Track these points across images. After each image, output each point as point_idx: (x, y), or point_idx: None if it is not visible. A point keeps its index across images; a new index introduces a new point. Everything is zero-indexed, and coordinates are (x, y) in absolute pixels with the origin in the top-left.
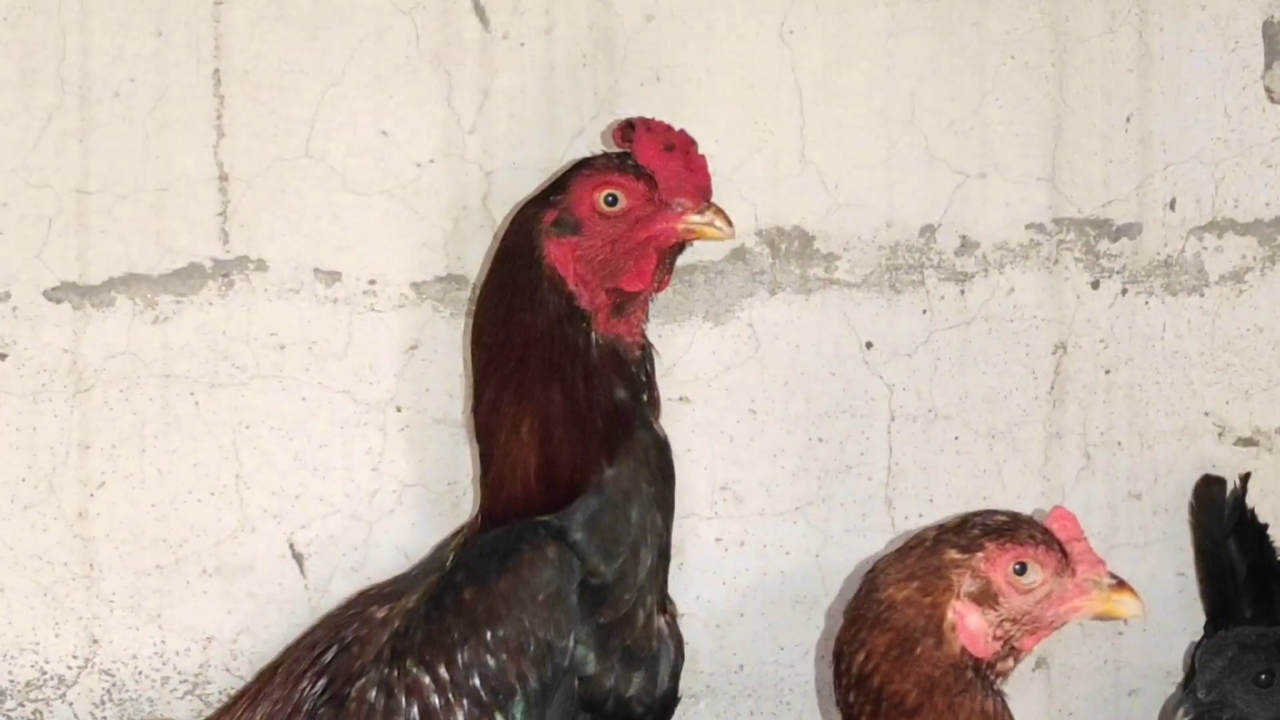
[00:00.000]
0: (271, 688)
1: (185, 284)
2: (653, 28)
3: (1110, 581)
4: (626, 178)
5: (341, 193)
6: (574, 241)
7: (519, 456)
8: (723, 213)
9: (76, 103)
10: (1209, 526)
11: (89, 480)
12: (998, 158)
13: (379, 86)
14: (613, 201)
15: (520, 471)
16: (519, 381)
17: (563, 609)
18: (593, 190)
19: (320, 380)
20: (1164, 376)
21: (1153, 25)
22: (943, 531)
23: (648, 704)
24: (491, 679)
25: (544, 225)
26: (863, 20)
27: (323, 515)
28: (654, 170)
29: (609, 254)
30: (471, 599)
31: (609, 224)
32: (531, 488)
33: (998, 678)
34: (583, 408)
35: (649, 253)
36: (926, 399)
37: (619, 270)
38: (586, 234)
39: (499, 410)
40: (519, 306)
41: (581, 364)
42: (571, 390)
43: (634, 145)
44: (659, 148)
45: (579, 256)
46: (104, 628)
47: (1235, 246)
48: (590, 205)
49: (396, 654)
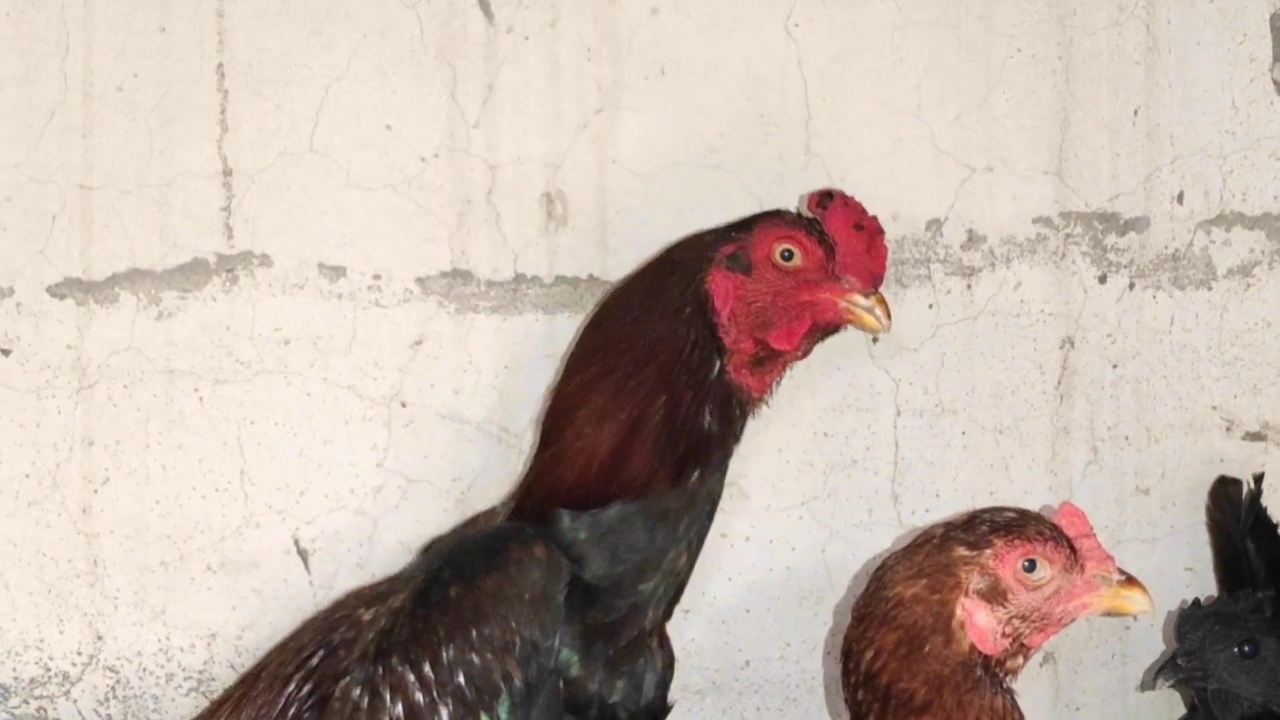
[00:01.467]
0: (256, 692)
1: (189, 280)
2: (657, 21)
3: (1119, 578)
4: (810, 240)
5: (345, 187)
6: (740, 280)
7: (590, 444)
8: (885, 304)
9: (80, 98)
10: (1226, 527)
11: (93, 476)
12: (1004, 151)
13: (383, 81)
14: (788, 256)
15: (584, 459)
16: (625, 376)
17: (549, 609)
18: (774, 240)
19: (325, 376)
20: (1171, 371)
21: (1160, 18)
22: (951, 528)
23: (632, 711)
24: (476, 678)
25: (719, 254)
26: (868, 13)
27: (327, 511)
28: (837, 243)
29: (768, 304)
30: (458, 596)
31: (778, 276)
32: (589, 477)
33: (1007, 675)
34: (676, 425)
35: (804, 317)
36: (933, 394)
37: (771, 324)
38: (755, 277)
39: (590, 394)
40: (659, 313)
41: (695, 386)
42: (675, 406)
43: (826, 214)
44: (850, 223)
45: (740, 295)
46: (108, 624)
47: (1243, 240)
48: (767, 253)
49: (382, 652)
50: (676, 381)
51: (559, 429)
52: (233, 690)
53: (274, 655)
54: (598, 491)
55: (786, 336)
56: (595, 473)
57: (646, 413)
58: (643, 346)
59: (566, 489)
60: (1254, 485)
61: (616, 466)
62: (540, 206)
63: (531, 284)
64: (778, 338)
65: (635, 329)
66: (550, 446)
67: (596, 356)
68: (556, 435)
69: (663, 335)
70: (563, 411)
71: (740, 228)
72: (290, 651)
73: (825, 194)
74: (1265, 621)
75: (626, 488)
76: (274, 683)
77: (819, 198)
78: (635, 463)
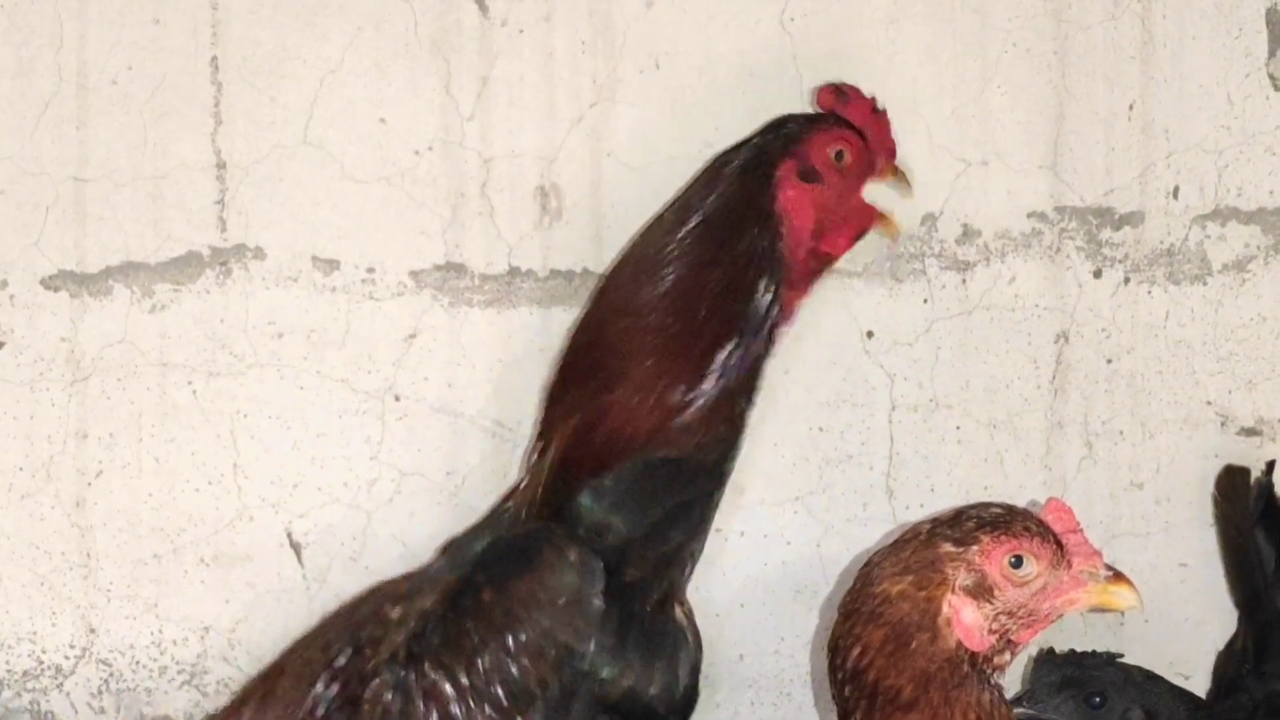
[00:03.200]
0: (282, 688)
1: (183, 272)
2: (653, 14)
3: (1106, 573)
4: (852, 135)
5: (340, 180)
6: (816, 190)
7: (651, 396)
8: (905, 175)
9: (74, 90)
10: (1234, 517)
11: (86, 469)
12: (999, 146)
13: (378, 73)
14: (840, 157)
15: (646, 410)
16: (696, 324)
17: (583, 613)
18: (828, 143)
19: (318, 369)
20: (1166, 366)
21: (1155, 12)
22: (937, 525)
23: (669, 703)
24: (512, 685)
25: (782, 172)
26: (863, 7)
27: (321, 504)
28: (865, 130)
29: (835, 206)
30: (491, 601)
31: (838, 177)
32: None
33: (994, 671)
34: (736, 375)
35: (853, 220)
36: (928, 388)
37: (825, 229)
38: (827, 183)
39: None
40: (733, 252)
41: (757, 328)
42: (740, 354)
43: (848, 107)
44: (869, 110)
45: (817, 204)
46: (101, 617)
47: (1238, 235)
48: (826, 158)
49: (413, 656)
50: (745, 324)
51: (620, 369)
52: (254, 687)
53: (297, 651)
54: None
55: (840, 240)
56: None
57: (712, 363)
58: (716, 292)
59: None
60: (1265, 473)
61: (667, 421)
62: (534, 200)
63: (526, 277)
64: (831, 241)
65: (703, 272)
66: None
67: (663, 300)
68: (618, 376)
69: (734, 278)
70: (622, 354)
71: (784, 141)
72: (315, 648)
73: (838, 89)
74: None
75: (675, 439)
76: (300, 680)
77: (834, 92)
78: (689, 416)
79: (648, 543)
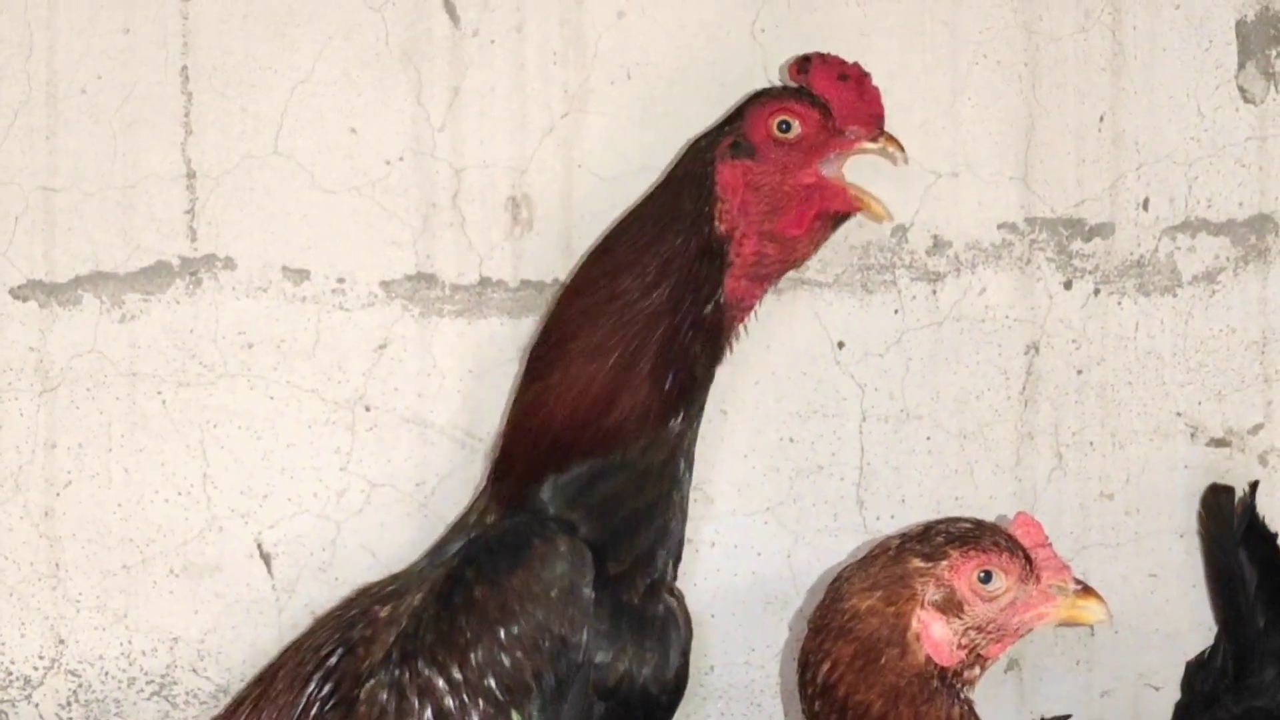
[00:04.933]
0: (275, 692)
1: (152, 282)
2: (624, 25)
3: (1075, 587)
4: (802, 104)
5: (310, 190)
6: (748, 165)
7: (583, 377)
8: (895, 140)
9: (43, 99)
10: (1218, 536)
11: (55, 479)
12: (970, 157)
13: (348, 84)
14: (786, 128)
15: (576, 393)
16: (630, 301)
17: (576, 603)
18: (769, 116)
19: (288, 379)
20: (1136, 377)
21: (1126, 25)
22: (906, 540)
23: (662, 682)
24: (506, 678)
25: (720, 150)
26: (834, 19)
27: (290, 515)
28: (829, 99)
29: (778, 184)
30: (483, 596)
31: (782, 152)
32: (581, 413)
33: (964, 685)
34: (671, 359)
35: (813, 199)
36: (898, 399)
37: (780, 209)
38: (761, 159)
39: (589, 323)
40: (673, 229)
41: (695, 310)
42: (673, 337)
43: (809, 76)
44: (833, 77)
45: (749, 182)
46: (70, 628)
47: (1208, 247)
48: (766, 131)
49: (407, 655)
50: (681, 304)
51: (549, 363)
52: (249, 690)
53: (289, 654)
54: (585, 439)
55: (797, 220)
56: (588, 411)
57: (644, 344)
58: (655, 268)
59: (558, 428)
60: (1249, 493)
61: (609, 407)
62: (506, 210)
63: (496, 288)
64: (788, 223)
65: (646, 250)
66: (534, 384)
67: (602, 283)
68: (546, 370)
69: (676, 251)
70: (556, 342)
71: (730, 120)
72: (307, 650)
73: (803, 59)
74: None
75: (614, 434)
76: (293, 682)
77: (797, 64)
78: (627, 402)
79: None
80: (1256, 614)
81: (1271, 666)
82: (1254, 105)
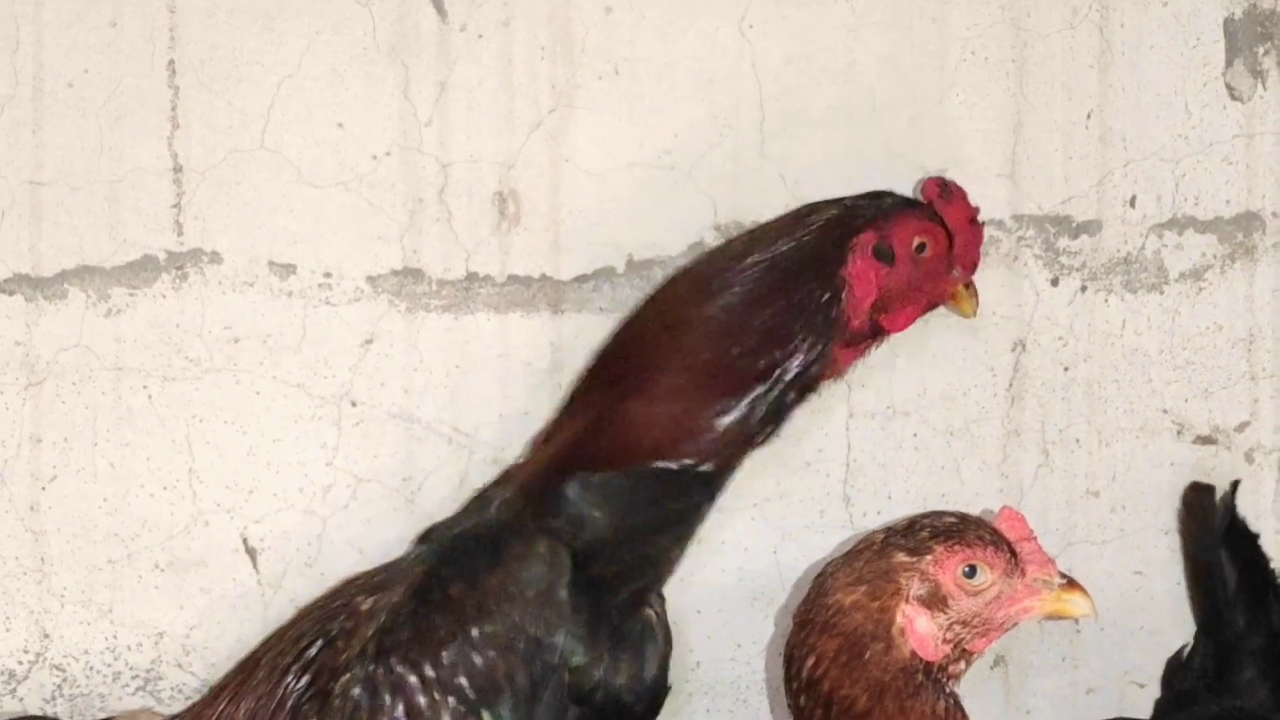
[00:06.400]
0: (255, 681)
1: (139, 276)
2: (612, 20)
3: (1060, 581)
4: (941, 232)
5: (297, 185)
6: (885, 270)
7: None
8: (976, 292)
9: (30, 93)
10: (1199, 535)
11: (40, 474)
12: (958, 154)
13: (335, 78)
14: (922, 249)
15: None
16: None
17: (553, 606)
18: (915, 233)
19: (274, 374)
20: (1123, 374)
21: (1114, 21)
22: (891, 534)
23: (638, 692)
24: (478, 677)
25: (860, 243)
26: (822, 15)
27: (276, 510)
28: (956, 234)
29: (901, 291)
30: (460, 595)
31: (913, 267)
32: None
33: (949, 680)
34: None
35: (921, 303)
36: (885, 395)
37: (890, 307)
38: (897, 269)
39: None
40: (786, 300)
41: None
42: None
43: (948, 205)
44: (968, 217)
45: (881, 284)
46: (55, 622)
47: (1195, 244)
48: (907, 245)
49: (382, 650)
50: (780, 373)
51: (644, 383)
52: (230, 678)
53: (272, 643)
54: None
55: (903, 319)
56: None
57: (743, 388)
58: (760, 330)
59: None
60: (1230, 492)
61: (688, 435)
62: (493, 205)
63: (484, 283)
64: (893, 320)
65: (753, 309)
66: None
67: (706, 324)
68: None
69: (784, 307)
70: (656, 365)
71: (873, 212)
72: (289, 641)
73: (943, 184)
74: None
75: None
76: (272, 673)
77: (939, 187)
78: (709, 438)
79: (623, 545)
80: (1236, 614)
81: (1251, 666)
82: (1241, 103)
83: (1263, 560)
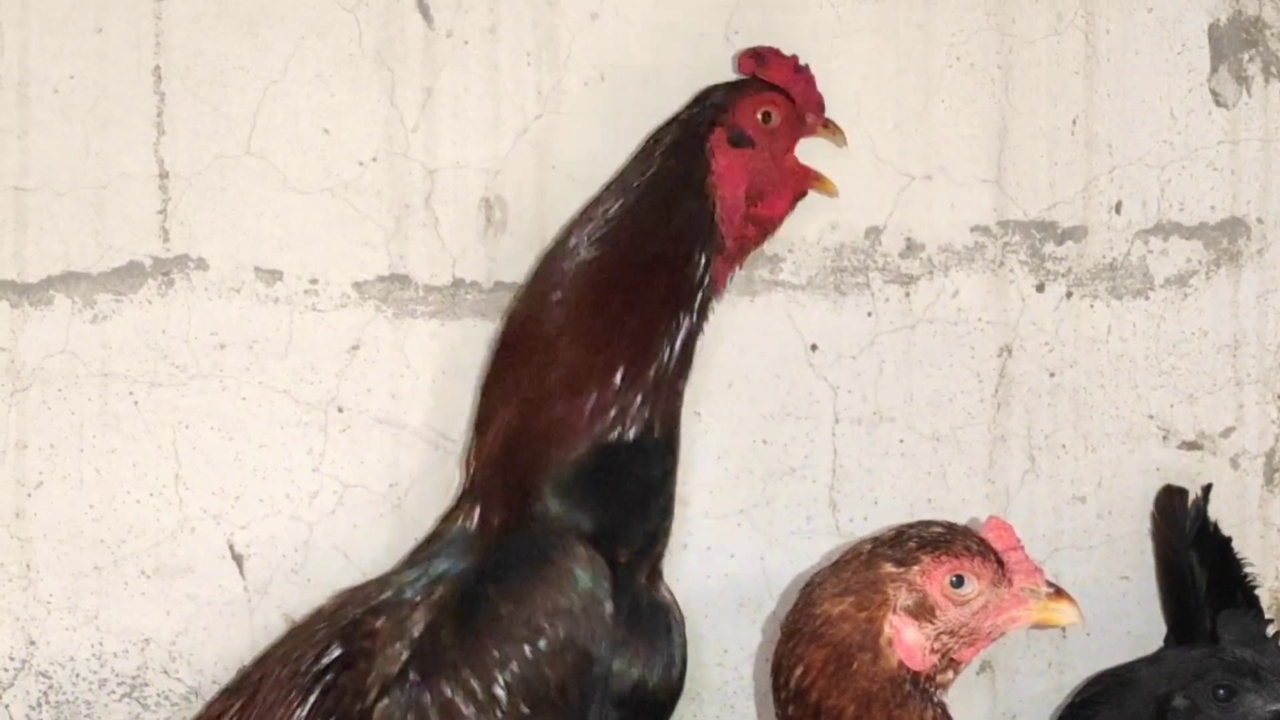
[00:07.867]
0: (268, 703)
1: (124, 282)
2: (597, 26)
3: (1047, 590)
4: (777, 94)
5: (283, 191)
6: (750, 154)
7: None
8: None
9: (15, 99)
10: (1170, 537)
11: (26, 480)
12: (943, 160)
13: (321, 84)
14: (768, 118)
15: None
16: (631, 300)
17: (600, 617)
18: (754, 107)
19: (261, 380)
20: (1109, 380)
21: (1099, 28)
22: (878, 544)
23: (669, 688)
24: (533, 695)
25: (714, 141)
26: (807, 21)
27: (263, 516)
28: (790, 89)
29: (767, 169)
30: (508, 613)
31: (769, 138)
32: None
33: (937, 689)
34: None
35: (789, 182)
36: (871, 401)
37: (763, 193)
38: (758, 147)
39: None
40: (671, 224)
41: (689, 299)
42: (674, 328)
43: (767, 68)
44: (791, 68)
45: (750, 169)
46: (41, 629)
47: (1180, 250)
48: (754, 121)
49: (427, 674)
50: (682, 300)
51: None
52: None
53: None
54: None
55: (779, 202)
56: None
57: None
58: (648, 257)
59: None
60: (1201, 496)
61: (613, 401)
62: (479, 212)
63: (470, 289)
64: (770, 204)
65: (646, 241)
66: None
67: (606, 274)
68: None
69: (669, 238)
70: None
71: (711, 111)
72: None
73: (756, 52)
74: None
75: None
76: (285, 694)
77: (752, 57)
78: (633, 396)
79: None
80: (1205, 616)
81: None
82: (1226, 109)
83: (1234, 564)
